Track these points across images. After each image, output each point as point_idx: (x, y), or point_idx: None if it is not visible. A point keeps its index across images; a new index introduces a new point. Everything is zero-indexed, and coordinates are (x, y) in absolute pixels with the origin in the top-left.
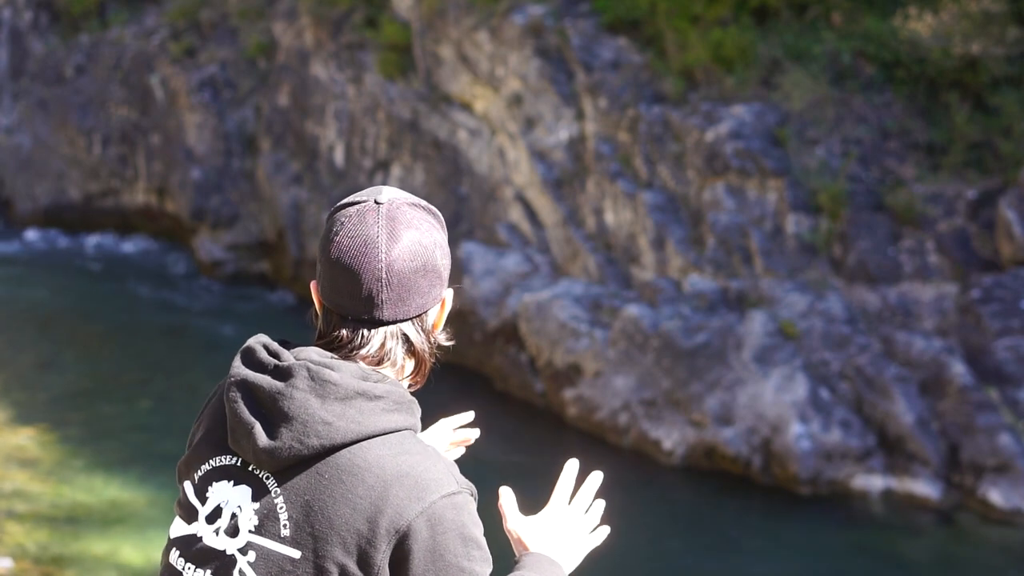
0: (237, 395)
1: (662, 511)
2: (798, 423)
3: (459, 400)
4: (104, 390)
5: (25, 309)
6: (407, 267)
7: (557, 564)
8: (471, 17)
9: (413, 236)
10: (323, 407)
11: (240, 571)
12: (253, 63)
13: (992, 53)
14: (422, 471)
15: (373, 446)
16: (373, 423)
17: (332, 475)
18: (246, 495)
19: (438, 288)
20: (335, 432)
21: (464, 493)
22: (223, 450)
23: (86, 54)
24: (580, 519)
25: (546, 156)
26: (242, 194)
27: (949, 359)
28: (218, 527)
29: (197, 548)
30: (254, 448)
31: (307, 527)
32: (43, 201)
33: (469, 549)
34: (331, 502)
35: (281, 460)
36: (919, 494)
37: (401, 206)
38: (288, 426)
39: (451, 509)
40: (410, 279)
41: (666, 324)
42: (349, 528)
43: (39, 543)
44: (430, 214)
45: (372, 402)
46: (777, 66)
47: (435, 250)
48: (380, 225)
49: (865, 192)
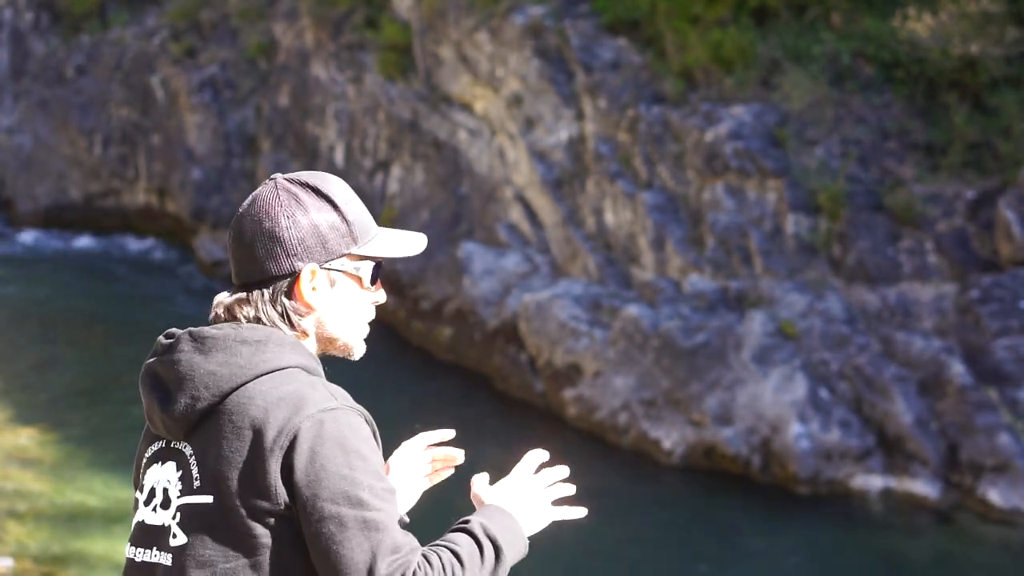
0: (145, 381)
1: (662, 511)
2: (797, 423)
3: (459, 400)
4: (104, 390)
5: (25, 309)
6: (252, 232)
7: (506, 512)
8: (471, 17)
9: (263, 204)
10: (207, 360)
11: (173, 535)
12: (253, 63)
13: (991, 53)
14: (300, 392)
15: (258, 383)
16: (255, 364)
17: (224, 418)
18: (171, 468)
19: (284, 259)
20: (221, 380)
21: (345, 410)
22: (152, 440)
23: (87, 54)
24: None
25: (546, 156)
26: (242, 194)
27: (948, 359)
28: (154, 505)
29: (141, 531)
30: (162, 419)
31: (210, 471)
32: (44, 201)
33: (351, 458)
34: (224, 442)
35: (183, 420)
36: (918, 494)
37: (278, 180)
38: (181, 387)
39: (330, 421)
40: (251, 244)
41: (666, 324)
42: (240, 459)
43: (40, 543)
44: (303, 189)
45: (252, 346)
46: (777, 66)
47: (279, 219)
48: (250, 197)
49: (864, 192)
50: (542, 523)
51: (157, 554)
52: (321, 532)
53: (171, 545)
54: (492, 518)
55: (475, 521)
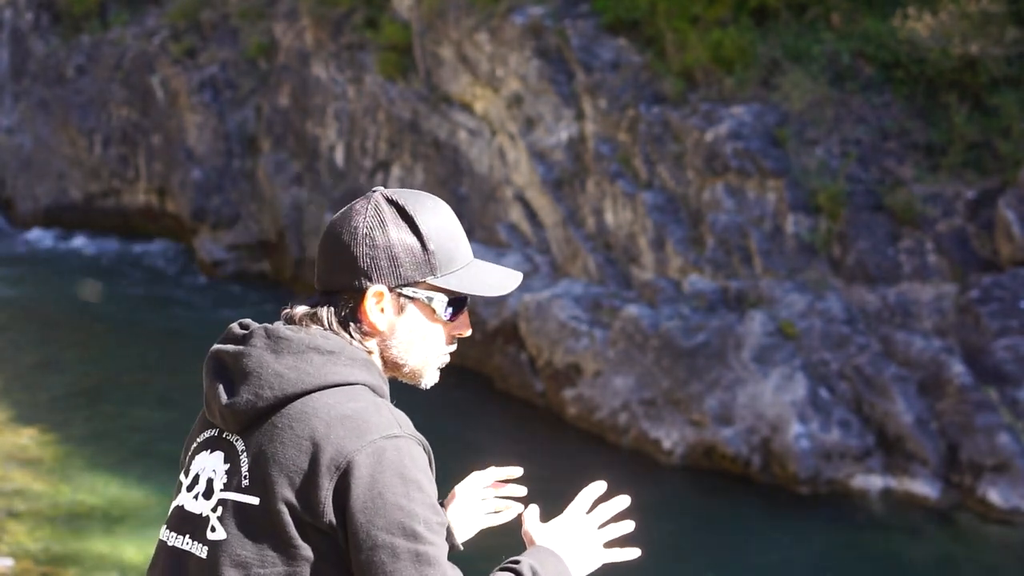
0: (209, 366)
1: (662, 511)
2: (797, 423)
3: (459, 400)
4: (104, 390)
5: (25, 309)
6: (331, 241)
7: (557, 556)
8: (471, 18)
9: (348, 216)
10: (277, 361)
11: (211, 527)
12: (253, 63)
13: (991, 53)
14: (365, 415)
15: (324, 395)
16: (324, 374)
17: (284, 423)
18: (220, 459)
19: (353, 274)
20: (287, 383)
21: (408, 438)
22: (206, 426)
23: (87, 55)
24: (592, 527)
25: (546, 156)
26: (242, 194)
27: (948, 359)
28: (196, 492)
29: (179, 516)
30: (220, 409)
31: (261, 473)
32: (44, 201)
33: (409, 489)
34: (281, 447)
35: (241, 415)
36: (918, 494)
37: (377, 195)
38: (246, 382)
39: (392, 449)
40: (329, 254)
41: (666, 324)
42: (295, 469)
43: (40, 543)
44: (396, 211)
45: (324, 356)
46: (777, 66)
47: (363, 239)
48: (346, 207)
49: (864, 192)
50: (593, 567)
51: (191, 543)
52: (372, 560)
53: (208, 538)
54: (543, 562)
55: (525, 563)
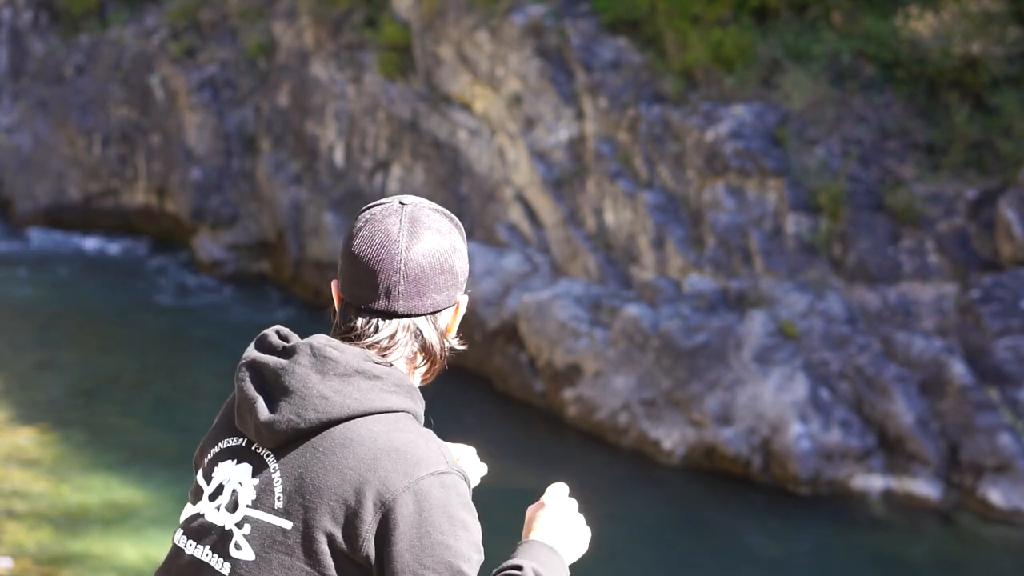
0: (245, 374)
1: (662, 511)
2: (798, 423)
3: (459, 400)
4: (104, 390)
5: (25, 309)
6: (425, 263)
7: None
8: (471, 17)
9: (433, 236)
10: (322, 382)
11: (236, 544)
12: (253, 63)
13: (992, 53)
14: (413, 448)
15: (368, 422)
16: (370, 400)
17: (326, 448)
18: (247, 472)
19: (453, 290)
20: (331, 407)
21: (454, 474)
22: (231, 432)
23: (86, 54)
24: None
25: (546, 156)
26: (242, 194)
27: (949, 359)
28: (219, 504)
29: (198, 524)
30: (256, 423)
31: (299, 498)
32: (43, 201)
33: (455, 528)
34: (322, 473)
35: (280, 434)
36: (919, 494)
37: (424, 209)
38: (288, 400)
39: (439, 487)
40: (426, 275)
41: (666, 324)
42: (337, 498)
43: (39, 543)
44: (451, 220)
45: (370, 381)
46: (777, 66)
47: (453, 253)
48: (403, 223)
49: (865, 192)
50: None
51: (211, 555)
52: None
53: (231, 555)
54: (544, 564)
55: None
